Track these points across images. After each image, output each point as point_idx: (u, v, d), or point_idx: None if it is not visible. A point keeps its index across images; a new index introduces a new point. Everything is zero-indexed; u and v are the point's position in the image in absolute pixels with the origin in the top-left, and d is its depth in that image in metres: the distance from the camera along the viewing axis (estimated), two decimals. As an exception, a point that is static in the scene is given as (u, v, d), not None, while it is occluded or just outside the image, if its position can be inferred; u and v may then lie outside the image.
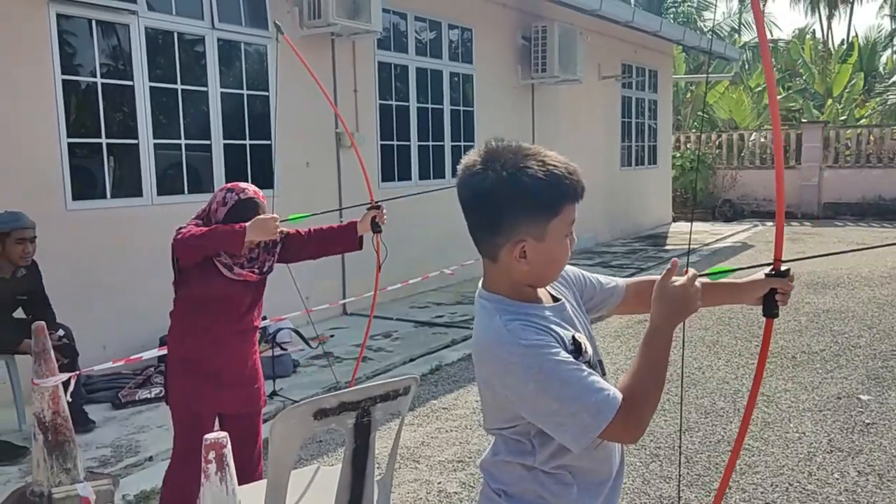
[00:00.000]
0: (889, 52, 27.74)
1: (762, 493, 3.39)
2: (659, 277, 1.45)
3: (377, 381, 2.92)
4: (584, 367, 1.36)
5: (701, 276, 1.47)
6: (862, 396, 4.58)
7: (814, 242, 11.58)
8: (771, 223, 14.21)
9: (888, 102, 19.62)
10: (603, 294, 1.70)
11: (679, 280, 1.42)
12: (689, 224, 14.60)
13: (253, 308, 2.84)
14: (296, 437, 2.09)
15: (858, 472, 3.56)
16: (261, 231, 2.62)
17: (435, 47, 8.27)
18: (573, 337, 1.45)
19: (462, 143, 8.67)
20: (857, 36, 26.82)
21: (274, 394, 4.79)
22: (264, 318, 5.38)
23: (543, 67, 9.07)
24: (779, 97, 19.89)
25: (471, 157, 1.44)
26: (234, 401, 2.81)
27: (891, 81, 21.54)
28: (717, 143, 16.69)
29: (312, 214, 2.96)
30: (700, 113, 19.81)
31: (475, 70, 8.78)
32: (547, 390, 1.33)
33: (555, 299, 1.52)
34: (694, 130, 18.74)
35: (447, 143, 8.48)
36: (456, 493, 3.50)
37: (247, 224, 2.60)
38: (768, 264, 1.67)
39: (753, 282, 1.68)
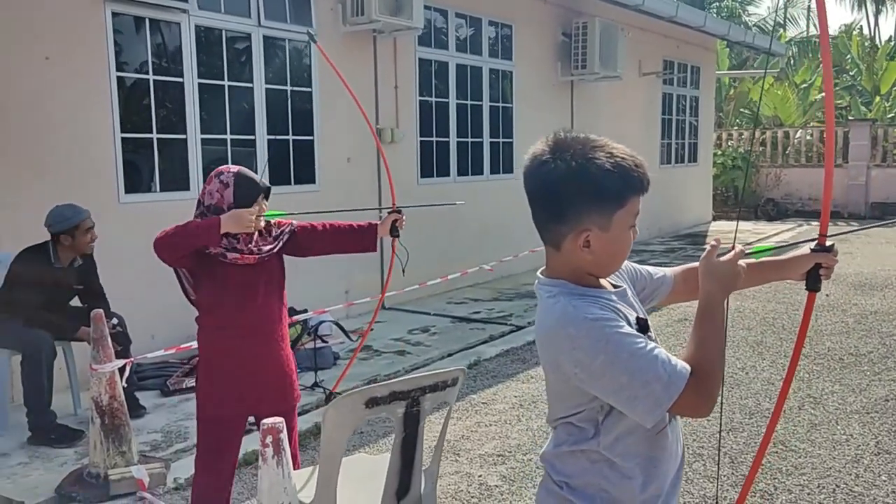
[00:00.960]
0: (940, 48, 26.98)
1: (808, 494, 3.35)
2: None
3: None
4: (650, 342, 1.37)
5: (746, 253, 1.50)
6: (911, 399, 4.49)
7: (860, 243, 11.33)
8: (816, 223, 13.93)
9: (938, 100, 19.08)
10: (653, 284, 1.72)
11: (724, 256, 1.46)
12: (730, 223, 14.39)
13: (271, 298, 2.71)
14: (347, 425, 2.14)
15: (908, 475, 3.50)
16: (236, 223, 2.52)
17: (475, 44, 8.28)
18: (638, 317, 1.47)
19: (501, 140, 8.68)
20: (906, 32, 26.11)
21: (315, 385, 4.86)
22: (305, 311, 5.49)
23: (583, 64, 9.01)
24: (823, 95, 19.46)
25: (539, 147, 1.46)
26: (264, 401, 2.68)
27: (941, 78, 20.89)
28: (760, 140, 16.41)
29: (289, 214, 2.87)
30: (742, 110, 19.50)
31: (515, 67, 8.77)
32: (616, 363, 1.34)
33: (615, 286, 1.54)
34: (736, 128, 18.46)
35: (486, 140, 8.49)
36: (496, 486, 3.52)
37: (221, 216, 2.52)
38: (812, 240, 1.69)
39: (799, 257, 1.71)
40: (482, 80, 8.36)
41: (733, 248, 1.47)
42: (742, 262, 1.47)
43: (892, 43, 24.27)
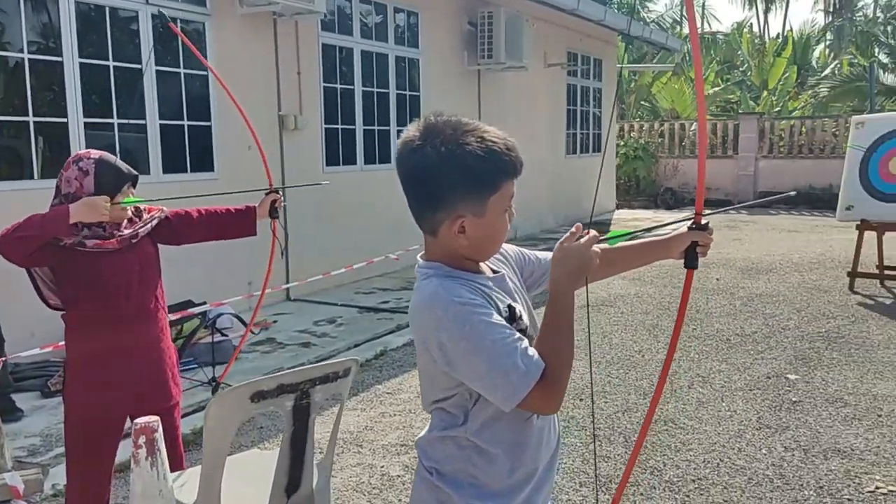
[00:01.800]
0: (822, 46, 28.66)
1: (695, 468, 3.50)
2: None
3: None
4: (515, 331, 1.38)
5: (601, 240, 1.50)
6: (790, 376, 4.75)
7: (749, 230, 11.93)
8: (709, 211, 14.53)
9: (819, 95, 20.27)
10: (542, 268, 1.73)
11: (575, 242, 1.44)
12: (633, 211, 14.86)
13: (145, 289, 2.56)
14: (232, 421, 2.07)
15: (785, 447, 3.70)
16: (89, 211, 2.35)
17: (381, 31, 8.21)
18: (509, 305, 1.48)
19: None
20: (791, 30, 27.67)
21: (213, 380, 4.72)
22: (203, 304, 5.32)
23: (490, 54, 9.09)
24: (717, 88, 20.42)
25: (409, 133, 1.44)
26: (143, 399, 2.51)
27: (822, 75, 22.24)
28: (659, 132, 17.00)
29: (148, 201, 2.72)
30: (643, 102, 20.16)
31: (421, 55, 8.75)
32: (478, 350, 1.35)
33: (494, 272, 1.54)
34: (637, 119, 19.05)
35: (393, 128, 8.44)
36: (398, 476, 3.51)
37: (71, 205, 2.35)
38: (689, 219, 1.72)
39: (677, 236, 1.72)
40: (389, 68, 8.30)
41: (587, 233, 1.46)
42: (597, 247, 1.46)
43: (780, 40, 25.59)
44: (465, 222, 1.41)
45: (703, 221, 1.70)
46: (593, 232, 1.44)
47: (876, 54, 20.39)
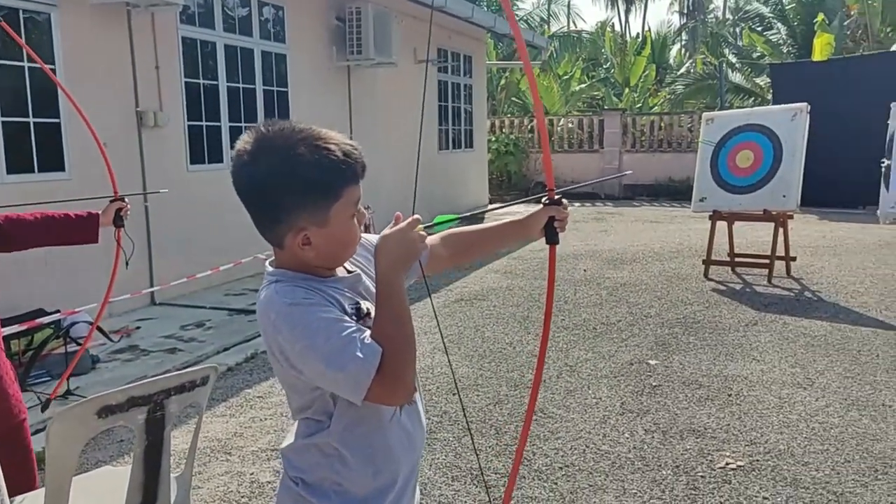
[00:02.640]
0: (678, 46, 30.39)
1: (562, 456, 3.61)
2: (392, 229, 1.44)
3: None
4: (353, 325, 1.35)
5: (427, 225, 1.49)
6: (651, 361, 5.00)
7: (614, 221, 12.47)
8: (578, 204, 15.13)
9: (677, 93, 21.50)
10: None
11: (396, 227, 1.42)
12: (505, 206, 15.18)
13: None
14: (77, 439, 1.93)
15: (645, 430, 3.89)
16: None
17: (245, 24, 7.95)
18: (358, 303, 1.45)
19: (277, 125, 8.43)
20: (650, 30, 29.16)
21: (69, 393, 4.43)
22: (56, 312, 4.97)
23: (359, 49, 9.01)
24: (583, 85, 21.19)
25: (242, 143, 1.38)
26: None
27: (678, 73, 23.61)
28: (528, 127, 17.45)
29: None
30: (513, 98, 20.64)
31: (289, 50, 8.55)
32: (314, 347, 1.32)
33: (349, 271, 1.52)
34: (508, 115, 19.49)
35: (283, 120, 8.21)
36: (269, 482, 3.42)
37: None
38: (541, 196, 1.74)
39: (534, 214, 1.71)
40: (254, 63, 8.05)
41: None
42: (426, 234, 1.45)
43: (640, 39, 26.91)
44: (309, 234, 1.37)
45: (556, 196, 1.71)
46: (415, 216, 1.42)
47: (725, 54, 21.82)
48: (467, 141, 14.03)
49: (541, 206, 1.72)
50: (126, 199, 3.01)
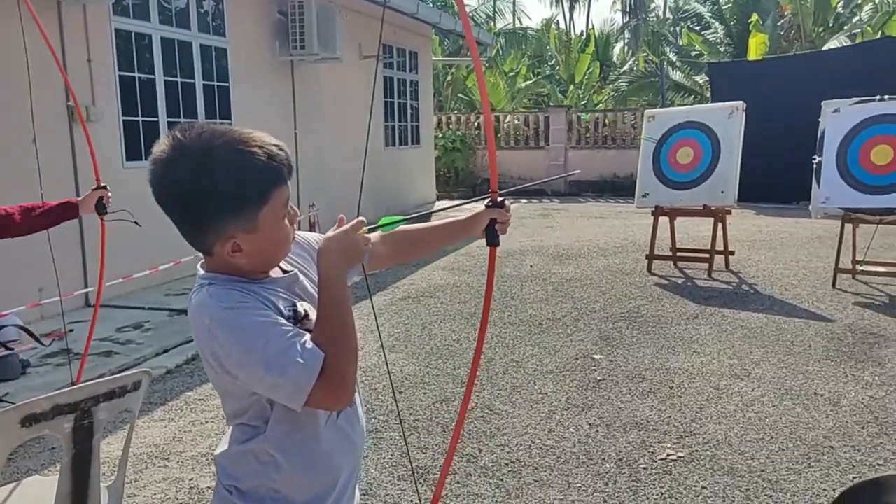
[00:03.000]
0: (621, 44, 30.86)
1: (508, 452, 3.62)
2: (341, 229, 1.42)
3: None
4: (293, 328, 1.32)
5: (372, 227, 1.49)
6: (595, 356, 5.06)
7: (560, 217, 12.59)
8: (525, 200, 15.24)
9: (620, 90, 21.83)
10: None
11: (339, 228, 1.41)
12: (452, 202, 15.20)
13: None
14: (0, 449, 1.85)
15: (590, 424, 3.93)
16: None
17: (182, 17, 7.75)
18: (294, 305, 1.42)
19: (218, 121, 8.24)
20: (593, 28, 29.55)
21: (-2, 400, 4.26)
22: (-16, 316, 4.77)
23: (302, 44, 8.87)
24: (529, 82, 21.34)
25: (158, 150, 1.32)
26: None
27: (622, 71, 23.97)
28: (475, 124, 17.50)
29: None
30: (460, 95, 20.66)
31: (229, 44, 8.37)
32: (251, 352, 1.28)
33: (285, 271, 1.48)
34: (455, 112, 19.51)
35: (201, 121, 8.02)
36: (209, 487, 3.33)
37: None
38: (485, 197, 1.74)
39: (475, 215, 1.72)
40: (193, 57, 7.86)
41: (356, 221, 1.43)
42: (371, 235, 1.44)
43: (584, 36, 27.24)
44: (239, 241, 1.33)
45: (499, 199, 1.72)
46: (360, 218, 1.41)
47: (666, 53, 22.24)
48: (414, 137, 13.98)
49: (483, 207, 1.72)
50: (108, 187, 2.97)
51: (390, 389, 4.48)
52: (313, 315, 1.43)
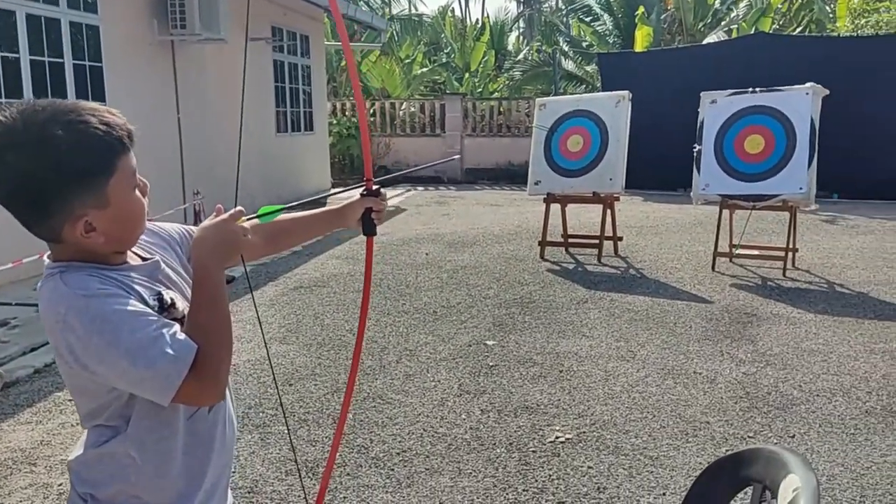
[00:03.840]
0: (516, 33, 31.31)
1: (400, 441, 3.59)
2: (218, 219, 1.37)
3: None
4: (160, 318, 1.24)
5: (250, 217, 1.44)
6: (488, 342, 5.09)
7: (457, 205, 12.66)
8: (422, 188, 15.24)
9: (515, 78, 22.14)
10: None
11: (217, 218, 1.36)
12: (348, 190, 15.01)
13: None
14: None
15: (482, 410, 3.95)
16: None
17: (52, -8, 7.25)
18: (160, 293, 1.33)
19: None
20: (489, 17, 29.83)
21: None
22: None
23: (182, 23, 8.46)
24: (425, 69, 21.33)
25: None
26: None
27: (516, 59, 24.30)
28: (371, 111, 17.33)
29: None
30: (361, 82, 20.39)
31: (102, 21, 7.88)
32: (115, 343, 1.19)
33: (145, 259, 1.39)
34: (350, 98, 19.26)
35: (25, 98, 7.52)
36: (80, 493, 3.13)
37: None
38: (360, 185, 1.71)
39: (350, 204, 1.70)
40: (62, 35, 7.36)
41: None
42: (249, 223, 1.39)
43: (479, 25, 27.47)
44: (91, 220, 1.24)
45: (375, 188, 1.69)
46: (238, 208, 1.37)
47: (559, 43, 22.71)
48: (307, 124, 13.69)
49: (357, 196, 1.70)
50: None
51: (280, 382, 4.36)
52: (180, 304, 1.36)
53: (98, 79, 7.85)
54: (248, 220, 1.41)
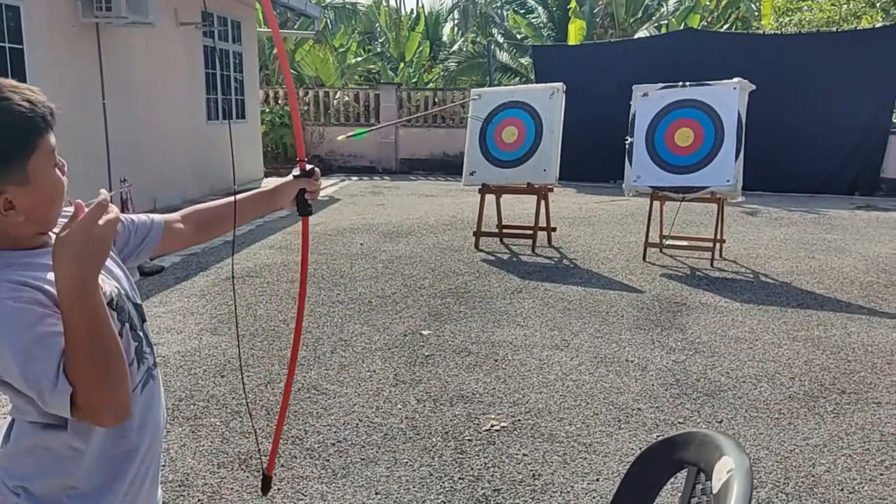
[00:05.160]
0: (451, 24, 31.29)
1: (335, 432, 3.55)
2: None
3: None
4: (57, 332, 1.16)
5: (349, 135, 1.42)
6: (424, 332, 5.09)
7: (391, 195, 12.59)
8: (357, 178, 15.11)
9: (450, 69, 22.15)
10: (140, 234, 1.56)
11: (76, 222, 1.17)
12: (279, 179, 14.76)
13: None
14: None
15: (417, 400, 3.94)
16: None
17: (-35, -32, 6.87)
18: None
19: (11, 86, 7.42)
20: (423, 7, 29.74)
21: None
22: None
23: (108, 5, 8.15)
24: (359, 59, 21.14)
25: None
26: None
27: (451, 51, 24.33)
28: (304, 100, 17.07)
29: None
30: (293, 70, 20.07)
31: (23, 2, 7.52)
32: (12, 346, 1.14)
33: None
34: (283, 86, 18.92)
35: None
36: None
37: None
38: (293, 167, 1.73)
39: (282, 185, 1.71)
40: (-22, 14, 6.99)
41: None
42: (118, 216, 1.23)
43: (414, 15, 27.35)
44: (10, 197, 1.20)
45: (308, 168, 1.71)
46: (100, 199, 1.18)
47: (494, 34, 22.82)
48: (239, 112, 13.38)
49: (291, 178, 1.71)
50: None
51: (211, 374, 4.26)
52: (106, 287, 1.31)
53: (19, 61, 7.50)
54: (352, 135, 1.41)
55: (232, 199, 1.69)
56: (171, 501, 2.96)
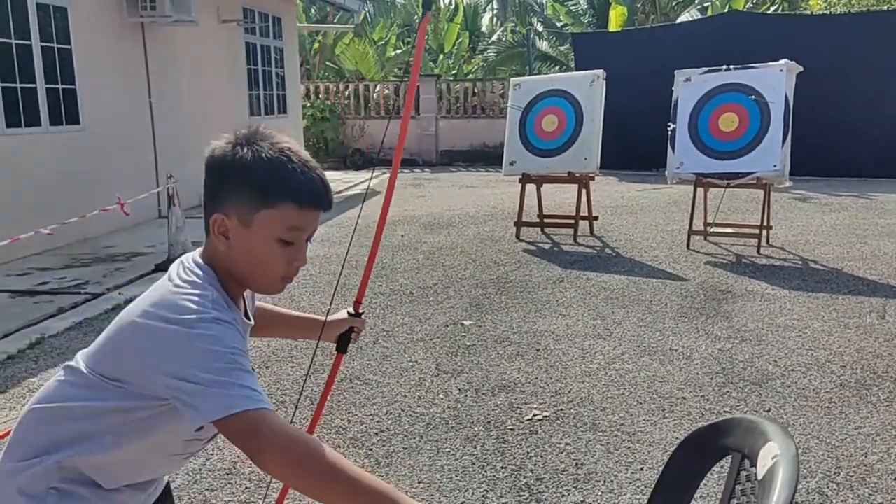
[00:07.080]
0: (489, 14, 31.12)
1: (378, 421, 3.58)
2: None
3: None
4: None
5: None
6: (465, 322, 5.09)
7: (432, 187, 12.62)
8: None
9: (489, 60, 22.04)
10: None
11: None
12: (329, 173, 14.88)
13: None
14: None
15: (459, 389, 3.95)
16: None
17: (16, -28, 7.06)
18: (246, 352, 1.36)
19: (60, 87, 7.62)
20: (462, -2, 29.60)
21: None
22: None
23: (152, 5, 8.31)
24: (398, 51, 21.15)
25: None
26: None
27: (490, 41, 24.20)
28: (345, 93, 17.18)
29: None
30: (328, 63, 20.20)
31: (70, 3, 7.71)
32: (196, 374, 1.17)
33: (248, 318, 1.44)
34: (323, 81, 19.07)
35: (41, 87, 7.37)
36: (54, 480, 3.09)
37: None
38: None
39: (336, 321, 1.82)
40: (29, 16, 7.18)
41: None
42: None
43: (452, 6, 27.26)
44: (229, 223, 1.28)
45: (361, 311, 1.85)
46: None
47: (533, 23, 22.63)
48: (281, 107, 13.53)
49: (345, 314, 1.83)
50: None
51: (256, 364, 4.32)
52: None
53: (67, 61, 7.70)
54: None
55: (288, 312, 1.81)
56: (220, 489, 3.02)
